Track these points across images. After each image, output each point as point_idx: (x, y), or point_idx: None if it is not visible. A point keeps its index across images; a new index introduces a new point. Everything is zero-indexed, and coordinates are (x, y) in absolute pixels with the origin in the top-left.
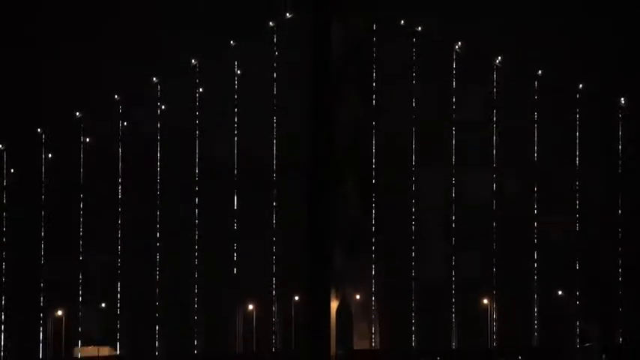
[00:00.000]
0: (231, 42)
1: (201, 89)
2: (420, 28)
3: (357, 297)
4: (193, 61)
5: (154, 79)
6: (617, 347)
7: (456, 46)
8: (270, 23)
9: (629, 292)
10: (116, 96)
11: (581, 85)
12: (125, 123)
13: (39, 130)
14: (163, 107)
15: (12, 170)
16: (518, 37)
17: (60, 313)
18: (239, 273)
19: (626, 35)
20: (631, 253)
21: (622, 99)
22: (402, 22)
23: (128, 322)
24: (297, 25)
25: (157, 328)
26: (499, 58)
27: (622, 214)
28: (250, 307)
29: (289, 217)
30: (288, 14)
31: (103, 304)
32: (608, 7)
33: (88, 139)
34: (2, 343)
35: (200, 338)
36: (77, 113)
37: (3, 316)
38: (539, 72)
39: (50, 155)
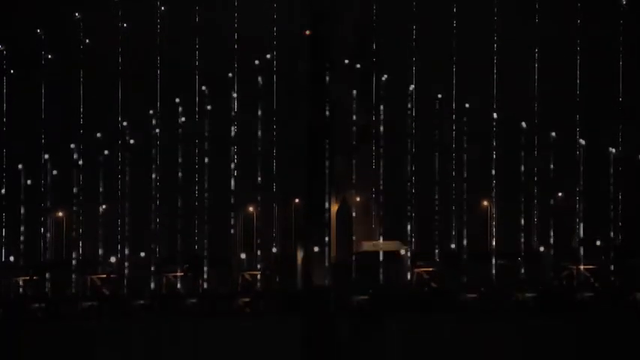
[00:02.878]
0: None
1: None
2: None
3: (358, 199)
4: None
5: None
6: (620, 246)
7: None
8: None
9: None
10: None
11: None
12: (125, 25)
13: (38, 31)
14: (163, 8)
15: (12, 71)
16: None
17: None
18: (238, 178)
19: None
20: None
21: None
22: None
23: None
24: None
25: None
26: None
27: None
28: (250, 209)
29: (288, 119)
30: None
31: (104, 206)
32: None
33: (87, 40)
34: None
35: (200, 242)
36: (77, 14)
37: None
38: None
39: (50, 56)
